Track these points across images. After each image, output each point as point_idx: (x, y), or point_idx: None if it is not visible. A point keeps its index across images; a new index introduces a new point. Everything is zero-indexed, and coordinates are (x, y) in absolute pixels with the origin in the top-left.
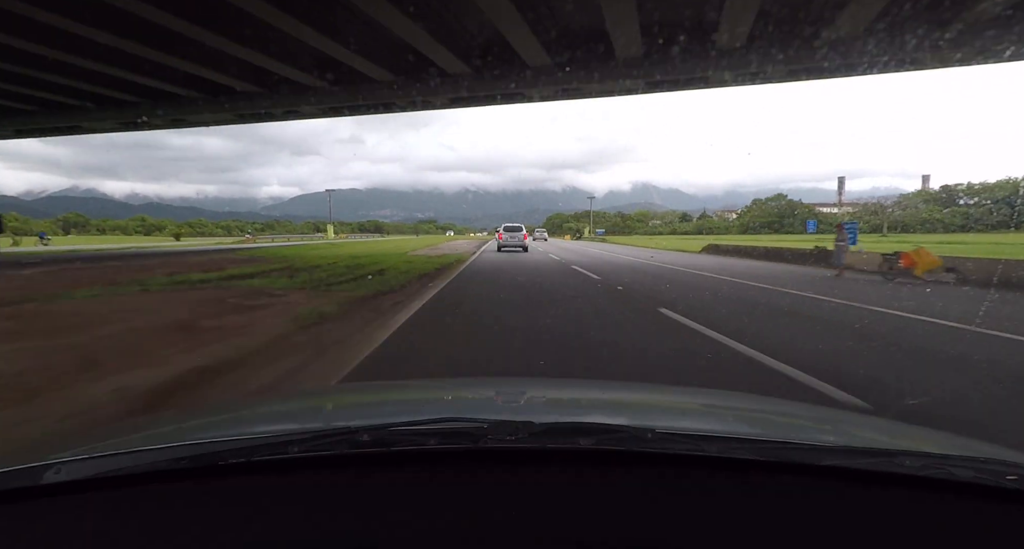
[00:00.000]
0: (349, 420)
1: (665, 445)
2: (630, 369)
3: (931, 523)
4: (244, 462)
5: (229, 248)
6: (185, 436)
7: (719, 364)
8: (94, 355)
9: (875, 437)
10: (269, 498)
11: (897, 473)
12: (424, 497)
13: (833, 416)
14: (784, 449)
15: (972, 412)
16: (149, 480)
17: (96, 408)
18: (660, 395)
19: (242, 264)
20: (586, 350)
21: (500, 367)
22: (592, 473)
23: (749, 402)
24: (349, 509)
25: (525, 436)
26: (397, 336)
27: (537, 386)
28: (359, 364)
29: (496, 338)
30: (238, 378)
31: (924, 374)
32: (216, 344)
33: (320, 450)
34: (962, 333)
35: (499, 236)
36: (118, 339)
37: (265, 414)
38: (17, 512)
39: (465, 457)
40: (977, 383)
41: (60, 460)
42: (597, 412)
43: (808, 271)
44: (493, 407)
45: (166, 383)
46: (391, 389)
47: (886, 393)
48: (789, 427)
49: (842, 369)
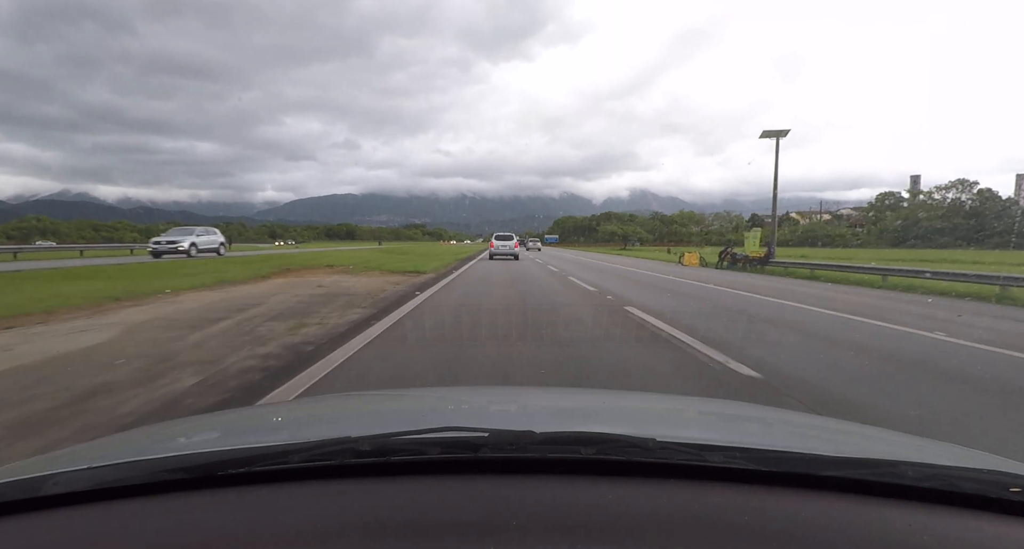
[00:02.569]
0: (349, 429)
1: (667, 455)
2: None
3: (933, 535)
4: (244, 472)
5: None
6: (184, 446)
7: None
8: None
9: (877, 447)
10: (269, 508)
11: (899, 484)
12: (425, 507)
13: (835, 426)
14: (785, 459)
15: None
16: (148, 491)
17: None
18: (660, 403)
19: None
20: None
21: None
22: (593, 483)
23: (749, 411)
24: (349, 519)
25: (526, 445)
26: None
27: (537, 395)
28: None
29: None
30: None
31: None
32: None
33: (320, 460)
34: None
35: (491, 245)
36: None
37: (264, 423)
38: (16, 524)
39: (466, 466)
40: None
41: (58, 471)
42: (598, 421)
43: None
44: (494, 416)
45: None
46: (391, 398)
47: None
48: (790, 437)
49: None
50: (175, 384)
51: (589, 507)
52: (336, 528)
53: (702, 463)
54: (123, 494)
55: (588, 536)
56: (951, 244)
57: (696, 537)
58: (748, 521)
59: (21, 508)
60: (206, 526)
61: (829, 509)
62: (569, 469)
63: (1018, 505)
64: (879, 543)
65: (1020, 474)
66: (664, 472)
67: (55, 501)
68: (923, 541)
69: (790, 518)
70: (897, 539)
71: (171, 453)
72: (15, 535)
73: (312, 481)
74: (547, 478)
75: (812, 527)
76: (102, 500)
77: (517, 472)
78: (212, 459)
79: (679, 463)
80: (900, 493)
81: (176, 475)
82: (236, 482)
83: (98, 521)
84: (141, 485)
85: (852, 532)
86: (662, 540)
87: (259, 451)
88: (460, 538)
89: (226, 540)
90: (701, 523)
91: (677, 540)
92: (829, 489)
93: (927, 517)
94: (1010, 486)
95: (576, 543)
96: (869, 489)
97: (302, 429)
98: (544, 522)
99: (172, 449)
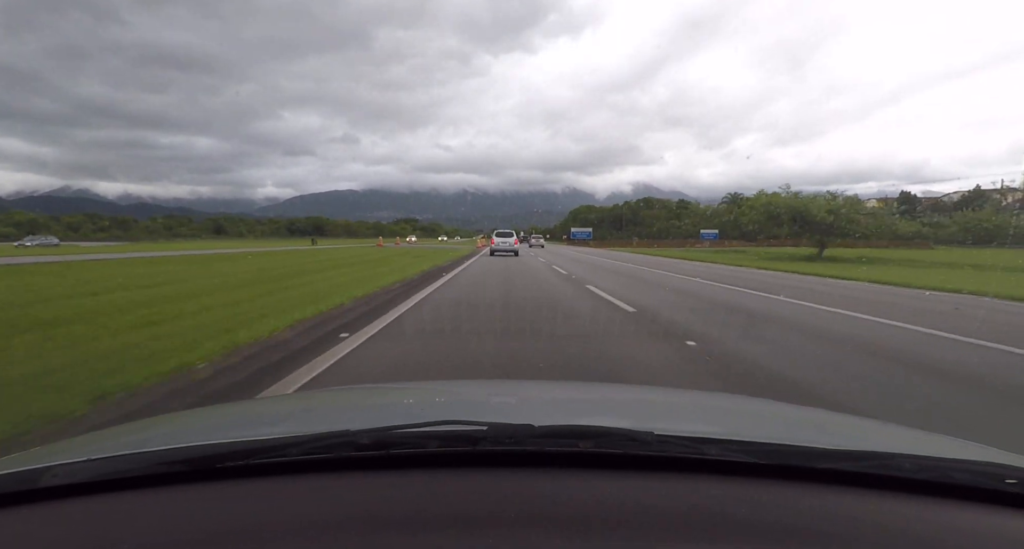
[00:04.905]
0: (348, 422)
1: (665, 448)
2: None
3: (929, 527)
4: (243, 465)
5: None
6: (183, 438)
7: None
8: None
9: (873, 440)
10: (268, 501)
11: (895, 476)
12: (424, 500)
13: (831, 419)
14: (782, 452)
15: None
16: (147, 483)
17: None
18: (658, 396)
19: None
20: None
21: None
22: (591, 476)
23: (746, 404)
24: (349, 512)
25: (524, 439)
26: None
27: (536, 388)
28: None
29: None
30: None
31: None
32: None
33: (320, 453)
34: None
35: (492, 241)
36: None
37: (263, 416)
38: (15, 516)
39: (465, 460)
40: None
41: (57, 463)
42: (596, 414)
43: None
44: (492, 409)
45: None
46: (390, 391)
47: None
48: (787, 429)
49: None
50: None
51: (587, 500)
52: (335, 521)
53: (699, 456)
54: (122, 486)
55: (586, 529)
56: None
57: (693, 529)
58: (745, 513)
59: (20, 500)
60: (205, 518)
61: (826, 501)
62: (567, 462)
63: (1014, 496)
64: (876, 535)
65: (1016, 466)
66: (662, 465)
67: (54, 493)
68: (920, 533)
69: (787, 510)
70: (894, 531)
71: (170, 445)
72: (14, 526)
73: (311, 474)
74: (546, 471)
75: (809, 519)
76: (101, 492)
77: (516, 465)
78: (211, 452)
79: (676, 456)
80: (897, 485)
81: (175, 467)
82: (235, 475)
83: (97, 513)
84: (140, 477)
85: (849, 524)
86: (659, 532)
87: (258, 444)
88: (459, 531)
89: (225, 532)
90: (698, 515)
91: (674, 532)
92: (826, 481)
93: (924, 509)
94: (1006, 478)
95: (574, 536)
96: (866, 481)
97: (301, 422)
98: (542, 515)
99: (171, 441)
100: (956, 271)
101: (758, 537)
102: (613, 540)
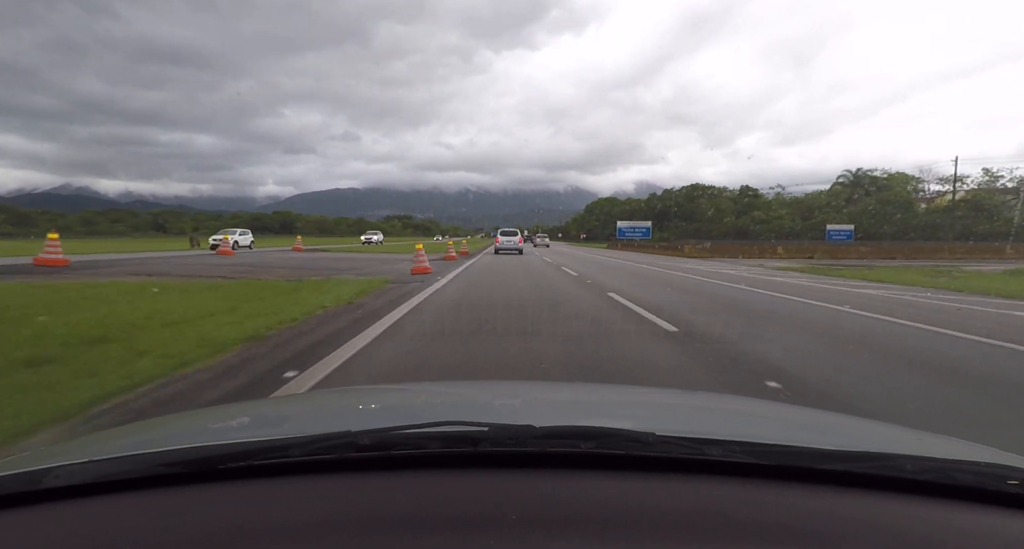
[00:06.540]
0: (349, 423)
1: (666, 449)
2: None
3: (931, 528)
4: (244, 466)
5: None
6: (184, 440)
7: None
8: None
9: (875, 441)
10: (269, 502)
11: (897, 477)
12: (425, 501)
13: (833, 420)
14: (784, 453)
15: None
16: (148, 484)
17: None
18: (660, 397)
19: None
20: None
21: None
22: (593, 477)
23: (748, 405)
24: (350, 512)
25: (526, 440)
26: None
27: (537, 389)
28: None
29: None
30: None
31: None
32: None
33: (321, 454)
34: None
35: (496, 240)
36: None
37: (264, 417)
38: (16, 517)
39: (466, 461)
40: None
41: (59, 464)
42: (597, 415)
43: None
44: (493, 410)
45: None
46: (391, 392)
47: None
48: (790, 430)
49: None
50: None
51: (589, 501)
52: (336, 521)
53: (701, 457)
54: (124, 487)
55: (588, 530)
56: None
57: (695, 530)
58: (747, 514)
59: (22, 501)
60: (207, 519)
61: (828, 502)
62: (569, 463)
63: (1016, 497)
64: (878, 536)
65: (1018, 467)
66: (664, 466)
67: (56, 494)
68: (921, 534)
69: (789, 511)
70: (896, 532)
71: (171, 447)
72: (16, 528)
73: (313, 475)
74: (547, 472)
75: (811, 520)
76: (103, 493)
77: (517, 466)
78: (213, 453)
79: (679, 457)
80: (899, 486)
81: (176, 469)
82: (237, 476)
83: (98, 514)
84: (142, 478)
85: (851, 525)
86: (661, 533)
87: (260, 445)
88: (460, 532)
89: (227, 533)
90: (700, 516)
91: (676, 533)
92: (828, 482)
93: (925, 510)
94: (1008, 479)
95: (576, 537)
96: (868, 482)
97: (303, 423)
98: (544, 516)
99: (172, 442)
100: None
101: (760, 538)
102: (615, 541)
